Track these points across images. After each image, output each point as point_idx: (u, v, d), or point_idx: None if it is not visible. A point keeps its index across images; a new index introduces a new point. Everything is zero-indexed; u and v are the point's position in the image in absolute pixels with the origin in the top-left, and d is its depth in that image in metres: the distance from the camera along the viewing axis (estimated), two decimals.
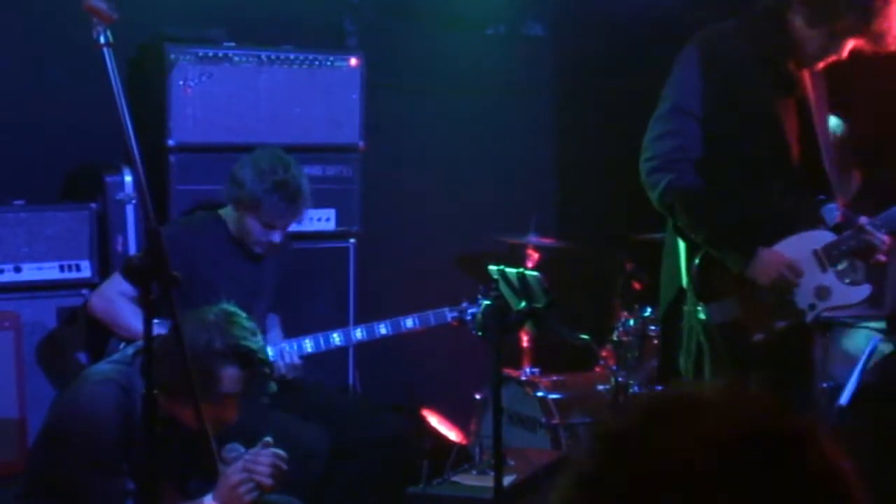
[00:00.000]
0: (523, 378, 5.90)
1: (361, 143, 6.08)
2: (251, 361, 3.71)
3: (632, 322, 5.70)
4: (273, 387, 3.86)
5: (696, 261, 4.19)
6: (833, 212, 4.21)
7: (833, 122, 4.57)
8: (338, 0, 6.53)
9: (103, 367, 3.81)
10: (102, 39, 3.17)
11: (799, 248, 4.18)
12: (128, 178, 5.48)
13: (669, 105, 4.28)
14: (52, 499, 3.70)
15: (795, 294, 4.16)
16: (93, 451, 3.57)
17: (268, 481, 3.71)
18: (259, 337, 3.81)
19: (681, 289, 4.29)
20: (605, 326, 5.85)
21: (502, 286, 4.18)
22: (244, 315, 3.80)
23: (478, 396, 5.93)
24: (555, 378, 5.90)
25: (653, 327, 5.65)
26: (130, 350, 3.75)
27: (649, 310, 5.68)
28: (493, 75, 6.93)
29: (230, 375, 3.68)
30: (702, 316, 4.17)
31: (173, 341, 3.29)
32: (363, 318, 5.82)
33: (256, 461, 3.70)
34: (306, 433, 4.88)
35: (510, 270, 4.22)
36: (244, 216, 5.03)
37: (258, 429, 4.64)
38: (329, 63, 6.00)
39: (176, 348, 3.26)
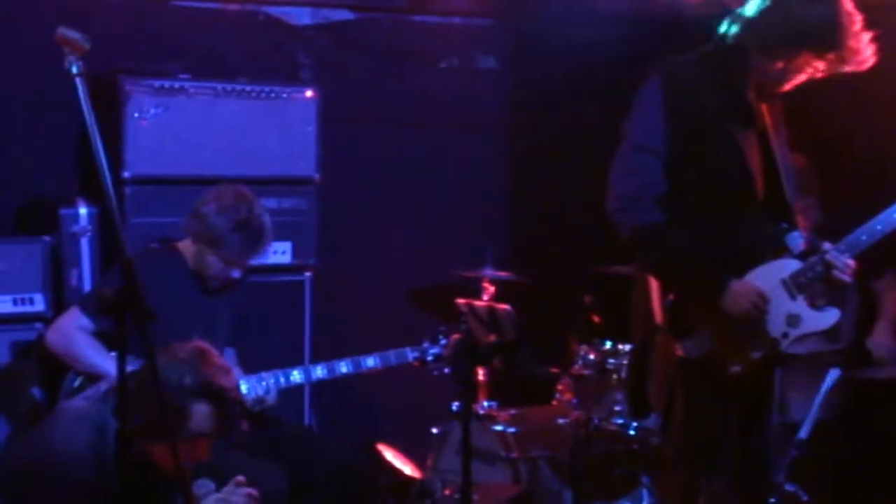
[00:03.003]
0: (481, 412, 5.87)
1: (317, 176, 6.06)
2: (223, 399, 3.65)
3: (591, 356, 5.69)
4: (244, 426, 3.80)
5: (670, 297, 4.20)
6: (797, 240, 4.23)
7: None
8: (292, 33, 6.51)
9: (78, 403, 3.75)
10: (75, 69, 3.12)
11: (766, 277, 4.19)
12: (83, 211, 5.42)
13: (630, 142, 4.29)
14: None
15: (767, 323, 4.17)
16: (65, 490, 3.50)
17: None
18: (232, 375, 3.76)
19: (653, 324, 4.29)
20: (564, 360, 5.84)
21: (471, 320, 4.16)
22: (217, 353, 3.75)
23: (434, 430, 5.89)
24: (513, 412, 5.87)
25: (612, 360, 5.65)
26: (103, 387, 3.69)
27: (609, 343, 5.68)
28: (448, 108, 6.93)
29: (201, 413, 3.61)
30: (678, 352, 4.18)
31: (145, 378, 3.25)
32: (319, 352, 5.78)
33: (230, 501, 3.64)
34: (265, 472, 4.81)
35: (479, 304, 4.21)
36: (204, 251, 4.97)
37: (216, 467, 4.59)
38: (284, 95, 5.97)
39: (147, 386, 3.22)
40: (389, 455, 6.27)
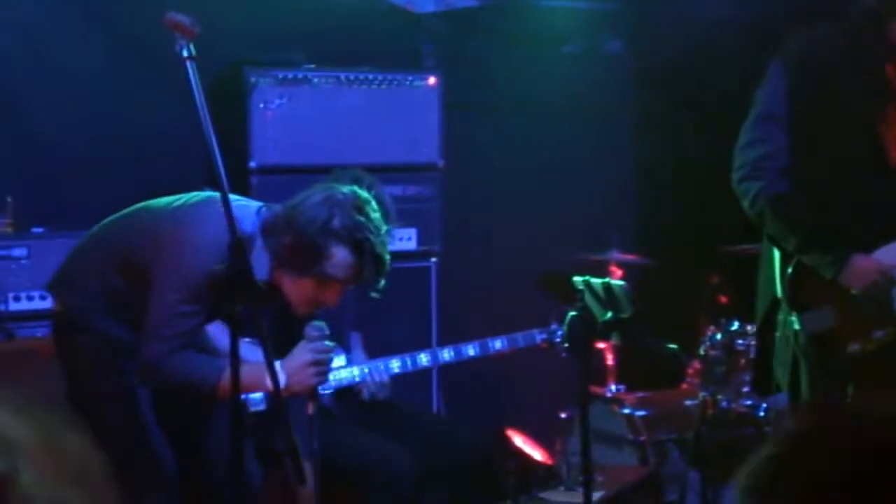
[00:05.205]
0: (609, 395, 5.83)
1: (441, 162, 6.08)
2: (364, 251, 3.60)
3: (718, 336, 5.60)
4: (382, 284, 3.72)
5: (790, 269, 4.10)
6: None
7: None
8: (414, 20, 6.54)
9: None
10: (185, 53, 3.18)
11: None
12: None
13: (757, 112, 4.22)
14: None
15: (894, 302, 4.04)
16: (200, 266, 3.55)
17: None
18: (384, 234, 3.69)
19: (775, 299, 4.19)
20: (692, 342, 5.76)
21: (588, 297, 4.13)
22: (376, 206, 3.71)
23: (563, 415, 5.86)
24: (641, 395, 5.82)
25: (740, 341, 5.54)
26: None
27: (736, 323, 5.59)
28: (572, 92, 6.88)
29: (339, 258, 3.60)
30: (796, 326, 4.08)
31: (296, 212, 3.56)
32: (445, 338, 5.79)
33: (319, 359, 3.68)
34: (393, 455, 4.84)
35: (595, 281, 4.18)
36: None
37: (345, 449, 4.63)
38: (407, 83, 6.00)
39: (294, 219, 3.55)
40: (518, 440, 6.25)
